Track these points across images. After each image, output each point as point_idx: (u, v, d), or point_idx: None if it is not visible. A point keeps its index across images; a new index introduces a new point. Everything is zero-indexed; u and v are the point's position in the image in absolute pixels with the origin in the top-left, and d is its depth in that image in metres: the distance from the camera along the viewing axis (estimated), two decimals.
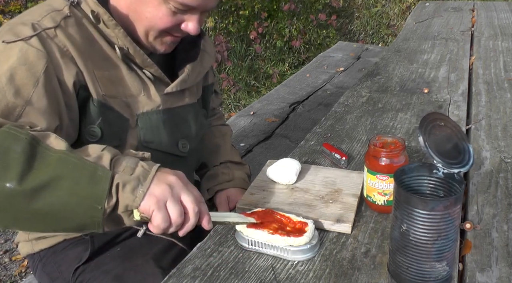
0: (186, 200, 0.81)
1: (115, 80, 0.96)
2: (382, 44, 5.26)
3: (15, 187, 0.74)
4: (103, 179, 0.77)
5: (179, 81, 1.05)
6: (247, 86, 4.28)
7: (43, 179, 0.76)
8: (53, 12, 0.92)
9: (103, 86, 0.94)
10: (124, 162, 0.81)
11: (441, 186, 0.77)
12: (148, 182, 0.80)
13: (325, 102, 2.83)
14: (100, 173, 0.77)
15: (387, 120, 1.42)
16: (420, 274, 0.73)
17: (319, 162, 1.18)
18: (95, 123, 0.94)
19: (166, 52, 1.02)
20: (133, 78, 0.98)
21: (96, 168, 0.78)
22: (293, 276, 0.80)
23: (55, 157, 0.77)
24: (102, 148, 0.82)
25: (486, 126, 1.37)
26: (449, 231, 0.70)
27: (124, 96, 0.97)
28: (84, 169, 0.77)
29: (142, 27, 0.96)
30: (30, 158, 0.76)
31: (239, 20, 4.65)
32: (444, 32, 2.47)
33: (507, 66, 1.88)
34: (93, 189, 0.77)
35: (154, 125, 1.01)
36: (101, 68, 0.94)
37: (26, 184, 0.75)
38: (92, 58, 0.93)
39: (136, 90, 0.99)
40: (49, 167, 0.76)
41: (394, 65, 1.96)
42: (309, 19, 5.04)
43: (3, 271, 2.15)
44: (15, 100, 0.84)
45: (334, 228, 0.91)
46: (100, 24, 0.94)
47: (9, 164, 0.75)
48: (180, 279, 0.80)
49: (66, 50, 0.90)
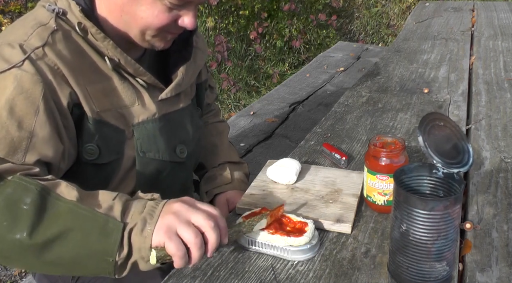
0: (196, 219, 0.78)
1: (108, 92, 0.93)
2: (382, 44, 5.26)
3: (26, 240, 0.75)
4: (114, 231, 0.77)
5: (174, 86, 1.03)
6: (247, 86, 4.28)
7: (53, 232, 0.76)
8: (39, 27, 0.88)
9: (96, 102, 0.91)
10: (133, 208, 0.80)
11: (441, 186, 0.77)
12: (155, 219, 0.78)
13: (325, 102, 2.83)
14: (111, 225, 0.77)
15: (387, 120, 1.42)
16: (420, 274, 0.73)
17: (319, 162, 1.18)
18: (92, 141, 0.92)
19: (165, 48, 1.00)
20: (126, 88, 0.95)
21: (107, 220, 0.77)
22: (293, 276, 0.80)
23: (66, 209, 0.78)
24: (114, 196, 0.81)
25: (486, 126, 1.37)
26: (449, 231, 0.70)
27: (119, 107, 0.95)
28: (94, 221, 0.77)
29: (137, 28, 0.92)
30: (41, 210, 0.77)
31: (239, 20, 4.65)
32: (444, 32, 2.47)
33: (507, 66, 1.88)
34: (104, 242, 0.77)
35: (151, 134, 0.99)
36: (93, 82, 0.91)
37: (36, 237, 0.76)
38: (83, 72, 0.90)
39: (130, 100, 0.96)
40: (59, 219, 0.77)
41: (394, 65, 1.96)
42: (309, 19, 5.04)
43: (3, 271, 2.15)
44: (19, 133, 0.82)
45: (334, 228, 0.91)
46: (88, 35, 0.90)
47: (20, 216, 0.76)
48: (180, 279, 0.81)
49: (57, 69, 0.86)
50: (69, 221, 0.77)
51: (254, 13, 4.70)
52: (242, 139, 2.39)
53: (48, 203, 0.78)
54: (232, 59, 4.38)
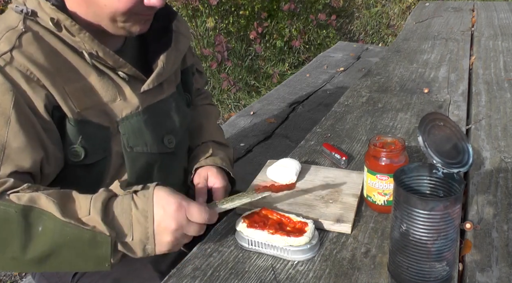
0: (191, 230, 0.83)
1: (87, 90, 0.91)
2: (382, 44, 5.26)
3: (21, 258, 0.77)
4: (104, 244, 0.78)
5: (154, 76, 1.00)
6: (247, 86, 4.28)
7: (44, 249, 0.78)
8: (7, 32, 0.85)
9: (76, 102, 0.89)
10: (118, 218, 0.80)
11: (441, 186, 0.77)
12: (152, 239, 0.80)
13: (325, 102, 2.83)
14: (99, 239, 0.78)
15: (387, 120, 1.42)
16: (420, 274, 0.73)
17: (319, 162, 1.18)
18: (76, 142, 0.90)
19: (143, 31, 0.95)
20: (106, 84, 0.93)
21: (94, 235, 0.78)
22: (293, 276, 0.80)
23: (51, 225, 0.77)
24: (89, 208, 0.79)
25: (486, 126, 1.37)
26: (448, 231, 0.70)
27: (100, 104, 0.93)
28: (82, 237, 0.78)
29: (106, 17, 0.88)
30: (27, 229, 0.77)
31: (239, 20, 4.65)
32: (444, 32, 2.47)
33: (507, 66, 1.88)
34: (96, 253, 0.79)
35: (136, 128, 0.97)
36: (71, 81, 0.89)
37: (30, 254, 0.77)
38: (59, 72, 0.87)
39: (110, 96, 0.93)
40: (47, 237, 0.78)
41: (394, 65, 1.96)
42: (309, 19, 5.03)
43: (3, 271, 2.15)
44: None
45: (334, 228, 0.91)
46: (62, 31, 0.87)
47: (9, 239, 0.77)
48: (180, 279, 0.81)
49: (29, 74, 0.83)
50: (57, 239, 0.77)
51: (254, 13, 4.69)
52: (242, 139, 2.39)
53: (33, 221, 0.77)
54: (232, 59, 4.38)
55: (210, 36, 4.35)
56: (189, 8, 4.24)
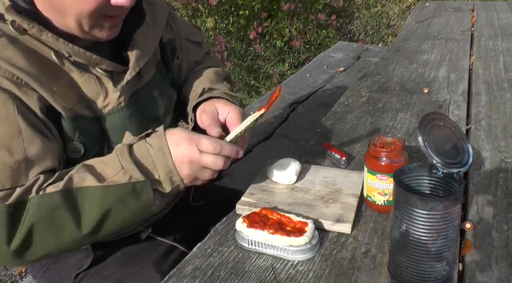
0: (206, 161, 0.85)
1: (72, 86, 0.89)
2: (382, 44, 5.26)
3: (79, 235, 0.83)
4: (144, 190, 0.84)
5: (134, 62, 0.95)
6: (247, 86, 4.28)
7: (96, 218, 0.83)
8: None
9: (66, 98, 0.88)
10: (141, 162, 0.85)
11: (441, 186, 0.77)
12: (175, 171, 0.85)
13: (325, 102, 2.83)
14: (138, 188, 0.83)
15: (387, 120, 1.42)
16: (420, 274, 0.73)
17: (319, 162, 1.18)
18: (74, 139, 0.91)
19: (110, 37, 0.90)
20: (87, 80, 0.91)
21: (133, 186, 0.83)
22: (293, 276, 0.80)
23: (94, 195, 0.82)
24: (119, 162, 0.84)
25: (486, 126, 1.37)
26: (448, 231, 0.70)
27: (85, 99, 0.92)
28: (124, 193, 0.83)
29: (72, 19, 0.83)
30: (74, 208, 0.82)
31: (239, 20, 4.65)
32: (444, 32, 2.47)
33: (507, 66, 1.88)
34: (141, 203, 0.85)
35: (120, 124, 0.96)
36: (56, 78, 0.87)
37: (85, 229, 0.83)
38: (42, 72, 0.85)
39: (93, 93, 0.92)
40: (94, 205, 0.83)
41: (394, 65, 1.96)
42: (309, 19, 5.04)
43: (3, 271, 2.15)
44: (14, 158, 0.81)
45: (334, 228, 0.91)
46: (24, 35, 0.84)
47: (62, 224, 0.82)
48: (180, 279, 0.81)
49: (16, 79, 0.82)
50: (104, 203, 0.82)
51: (254, 13, 4.70)
52: None
53: (77, 199, 0.82)
54: (232, 59, 4.38)
55: (210, 36, 4.35)
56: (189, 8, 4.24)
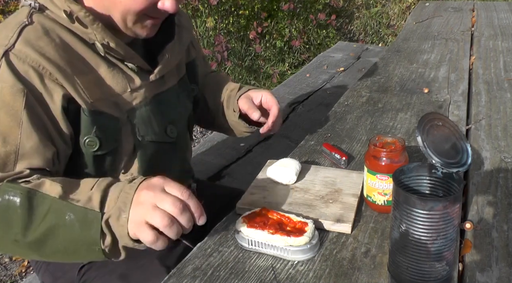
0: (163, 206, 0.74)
1: (98, 82, 0.93)
2: (382, 44, 5.25)
3: (22, 240, 0.80)
4: (94, 222, 0.77)
5: (161, 67, 1.03)
6: None
7: (42, 230, 0.79)
8: (19, 28, 0.86)
9: (88, 92, 0.91)
10: (110, 195, 0.79)
11: (440, 186, 0.77)
12: (128, 207, 0.76)
13: (325, 102, 2.83)
14: (90, 216, 0.78)
15: (387, 120, 1.42)
16: (420, 274, 0.73)
17: (319, 162, 1.18)
18: (90, 133, 0.92)
19: (149, 36, 0.98)
20: (115, 75, 0.95)
21: (86, 212, 0.78)
22: (293, 276, 0.80)
23: (49, 206, 0.79)
24: (92, 186, 0.81)
25: (486, 126, 1.37)
26: (448, 231, 0.70)
27: (111, 96, 0.95)
28: (76, 216, 0.78)
29: (118, 14, 0.90)
30: (30, 211, 0.79)
31: (239, 20, 4.65)
32: (444, 32, 2.47)
33: (507, 66, 1.88)
34: (86, 234, 0.78)
35: (146, 117, 1.01)
36: (82, 72, 0.90)
37: (29, 236, 0.79)
38: (70, 64, 0.89)
39: (121, 87, 0.96)
40: (46, 217, 0.79)
41: (394, 65, 1.97)
42: (309, 19, 5.03)
43: (3, 271, 2.15)
44: (5, 148, 0.83)
45: (334, 228, 0.91)
46: (74, 23, 0.88)
47: (12, 222, 0.79)
48: (180, 279, 0.81)
49: (42, 68, 0.85)
50: (53, 218, 0.79)
51: (254, 13, 4.69)
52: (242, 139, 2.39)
53: (35, 203, 0.79)
54: (232, 59, 4.38)
55: (210, 36, 4.35)
56: (189, 8, 4.24)
